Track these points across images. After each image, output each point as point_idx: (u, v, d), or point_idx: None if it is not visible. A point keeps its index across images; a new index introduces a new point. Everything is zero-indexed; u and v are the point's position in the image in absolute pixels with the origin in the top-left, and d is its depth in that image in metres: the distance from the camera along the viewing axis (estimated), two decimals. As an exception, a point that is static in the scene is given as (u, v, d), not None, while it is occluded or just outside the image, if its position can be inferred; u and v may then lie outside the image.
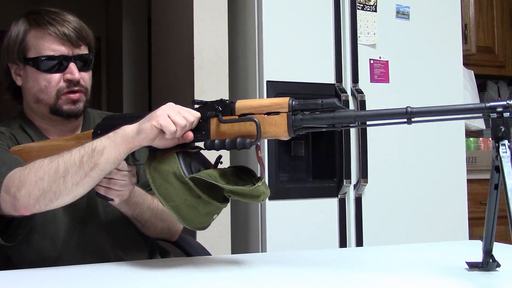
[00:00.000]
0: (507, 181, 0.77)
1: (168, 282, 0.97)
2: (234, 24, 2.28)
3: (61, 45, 1.20)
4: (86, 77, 1.25)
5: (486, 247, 0.96)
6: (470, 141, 2.86)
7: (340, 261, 1.17)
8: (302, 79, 2.13)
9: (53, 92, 1.22)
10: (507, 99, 0.78)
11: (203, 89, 2.12)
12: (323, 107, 0.91)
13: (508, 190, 0.77)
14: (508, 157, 0.78)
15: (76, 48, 1.22)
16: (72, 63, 1.21)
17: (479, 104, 0.80)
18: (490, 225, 0.93)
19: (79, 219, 1.23)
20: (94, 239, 1.24)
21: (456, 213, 2.35)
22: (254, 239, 2.12)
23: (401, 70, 2.28)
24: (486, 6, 3.21)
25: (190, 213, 0.98)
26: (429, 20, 2.34)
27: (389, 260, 1.17)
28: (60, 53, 1.20)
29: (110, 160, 1.00)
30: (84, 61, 1.24)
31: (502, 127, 0.78)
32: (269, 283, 0.96)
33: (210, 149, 0.99)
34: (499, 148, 0.79)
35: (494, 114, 0.79)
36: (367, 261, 1.19)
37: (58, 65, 1.21)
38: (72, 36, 1.21)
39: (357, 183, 2.18)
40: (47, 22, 1.20)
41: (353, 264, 1.14)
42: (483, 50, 3.17)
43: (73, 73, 1.21)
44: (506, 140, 0.78)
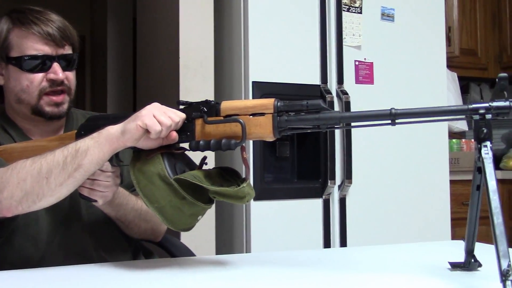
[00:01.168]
0: (489, 182, 0.78)
1: (152, 283, 0.96)
2: (220, 24, 2.27)
3: (44, 44, 1.19)
4: (70, 76, 1.24)
5: (468, 247, 0.97)
6: (453, 143, 2.89)
7: (324, 261, 1.17)
8: (287, 80, 2.13)
9: (35, 92, 1.20)
10: (489, 101, 0.79)
11: (188, 89, 2.11)
12: (308, 108, 0.91)
13: (490, 191, 0.78)
14: (490, 158, 0.79)
15: (60, 48, 1.21)
16: (55, 63, 1.20)
17: (462, 106, 0.81)
18: (472, 225, 0.94)
19: (61, 220, 1.22)
20: (77, 241, 1.23)
21: (439, 213, 2.37)
22: (238, 240, 2.12)
23: (385, 71, 2.30)
24: (469, 9, 3.25)
25: (174, 214, 0.97)
26: (414, 22, 2.36)
27: (373, 260, 1.17)
28: (44, 52, 1.19)
29: (94, 161, 0.99)
30: (68, 60, 1.23)
31: (484, 128, 0.79)
32: (254, 283, 0.96)
33: (195, 150, 0.99)
34: (481, 149, 0.80)
35: (477, 116, 0.80)
36: (350, 262, 1.20)
37: (41, 65, 1.19)
38: (56, 35, 1.19)
39: (342, 183, 2.19)
40: (30, 21, 1.19)
41: (337, 264, 1.15)
42: (466, 52, 3.21)
43: (56, 73, 1.19)
44: (488, 141, 0.79)
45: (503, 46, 3.28)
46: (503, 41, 3.28)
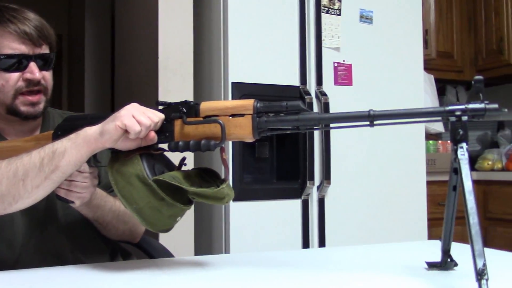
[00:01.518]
0: (465, 183, 0.79)
1: (130, 284, 0.96)
2: (200, 25, 2.27)
3: (21, 43, 1.16)
4: (47, 76, 1.22)
5: (444, 247, 0.98)
6: (429, 144, 2.93)
7: (302, 262, 1.18)
8: (267, 81, 2.14)
9: (11, 92, 1.17)
10: (465, 103, 0.80)
11: (167, 89, 2.10)
12: (287, 109, 0.91)
13: (466, 192, 0.79)
14: (466, 159, 0.80)
15: (37, 47, 1.18)
16: (32, 62, 1.18)
17: (439, 108, 0.82)
18: (448, 225, 0.95)
19: (37, 222, 1.20)
20: (53, 242, 1.21)
21: (416, 213, 2.40)
22: (217, 240, 2.12)
23: (364, 73, 2.32)
24: (446, 13, 3.30)
25: (153, 216, 0.97)
26: (392, 24, 2.39)
27: (351, 260, 1.18)
28: (20, 52, 1.17)
29: (71, 162, 0.98)
30: (45, 60, 1.21)
31: (461, 130, 0.80)
32: (233, 284, 0.96)
33: (174, 150, 0.98)
34: (457, 150, 0.81)
35: (453, 118, 0.81)
36: (329, 262, 1.21)
37: (17, 64, 1.17)
38: (33, 34, 1.17)
39: (320, 184, 2.20)
40: (7, 19, 1.16)
41: (316, 264, 1.15)
42: (442, 55, 3.25)
43: (33, 72, 1.17)
44: (464, 143, 0.81)
45: (478, 49, 3.34)
46: (478, 44, 3.34)
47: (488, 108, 0.80)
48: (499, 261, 1.14)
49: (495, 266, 1.00)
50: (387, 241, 2.22)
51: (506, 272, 1.03)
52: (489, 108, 0.80)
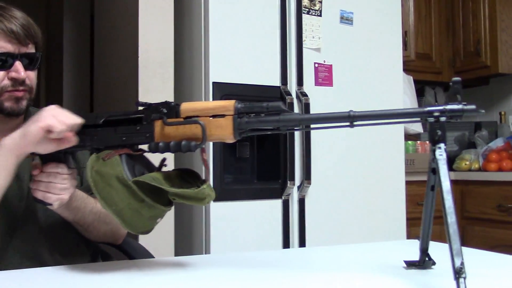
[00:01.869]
0: (443, 183, 0.80)
1: (110, 285, 0.95)
2: (180, 24, 2.26)
3: (7, 42, 1.14)
4: (32, 76, 1.20)
5: (422, 246, 1.00)
6: (408, 144, 2.96)
7: (283, 261, 1.18)
8: (248, 81, 2.14)
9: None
10: (443, 104, 0.82)
11: (147, 89, 2.09)
12: (268, 110, 0.92)
13: (444, 191, 0.80)
14: (444, 159, 0.81)
15: (23, 46, 1.17)
16: (18, 61, 1.16)
17: (418, 108, 0.84)
18: (426, 225, 0.96)
19: (16, 223, 1.19)
20: (32, 244, 1.20)
21: (395, 213, 2.43)
22: (198, 241, 2.11)
23: (344, 74, 2.34)
24: (425, 15, 3.34)
25: (133, 217, 0.96)
26: (372, 26, 2.41)
27: (330, 260, 1.19)
28: (6, 50, 1.15)
29: (2, 175, 1.03)
30: (30, 59, 1.19)
31: (439, 131, 0.81)
32: (213, 285, 0.95)
33: (154, 151, 0.97)
34: (435, 151, 0.82)
35: (432, 119, 0.82)
36: (308, 262, 1.21)
37: (2, 63, 1.15)
38: (19, 33, 1.15)
39: (301, 184, 2.21)
40: None
41: (296, 264, 1.15)
42: (421, 56, 3.29)
43: (18, 71, 1.15)
44: (442, 143, 0.82)
45: (456, 51, 3.39)
46: (456, 46, 3.39)
47: (466, 109, 0.81)
48: (476, 259, 1.16)
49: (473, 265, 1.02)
50: (367, 240, 2.24)
51: (483, 270, 1.05)
52: (467, 109, 0.81)
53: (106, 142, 1.02)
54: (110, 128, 1.02)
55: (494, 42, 3.17)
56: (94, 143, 1.03)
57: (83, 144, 1.04)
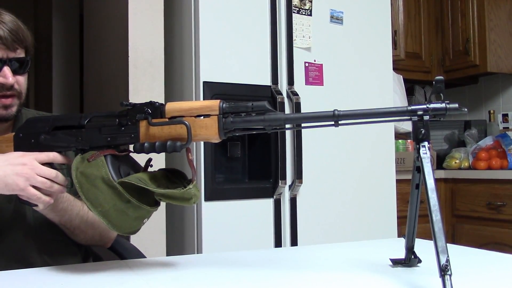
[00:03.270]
0: (427, 181, 0.81)
1: (102, 286, 0.95)
2: (171, 23, 2.26)
3: None
4: (21, 80, 1.19)
5: (408, 244, 1.00)
6: (399, 143, 2.97)
7: (274, 261, 1.18)
8: (238, 81, 2.14)
9: None
10: (426, 103, 0.82)
11: (137, 89, 2.09)
12: (253, 110, 0.92)
13: (429, 189, 0.80)
14: (428, 157, 0.82)
15: (11, 51, 1.15)
16: (6, 66, 1.14)
17: (401, 107, 0.84)
18: (411, 223, 0.97)
19: (4, 225, 1.18)
20: (19, 247, 1.19)
21: (386, 211, 2.44)
22: (189, 241, 2.11)
23: (334, 73, 2.34)
24: (414, 14, 3.35)
25: (119, 218, 0.96)
26: (361, 25, 2.42)
27: (320, 259, 1.20)
28: None
29: None
30: (20, 63, 1.18)
31: (422, 129, 0.82)
32: (205, 284, 0.96)
33: (139, 152, 0.97)
34: (419, 149, 0.83)
35: (415, 117, 0.83)
36: (300, 261, 1.22)
37: None
38: (7, 39, 1.13)
39: (292, 183, 2.22)
40: None
41: (287, 263, 1.16)
42: (411, 56, 3.31)
43: (6, 76, 1.14)
44: (426, 141, 0.82)
45: (445, 50, 3.41)
46: (445, 45, 3.41)
47: (449, 107, 0.82)
48: (465, 257, 1.17)
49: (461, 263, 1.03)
50: (359, 238, 2.25)
51: (471, 268, 1.06)
52: (449, 107, 0.82)
53: (91, 143, 1.01)
54: (95, 129, 1.02)
55: (483, 41, 3.19)
56: (79, 144, 1.02)
57: (68, 145, 1.04)
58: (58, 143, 1.05)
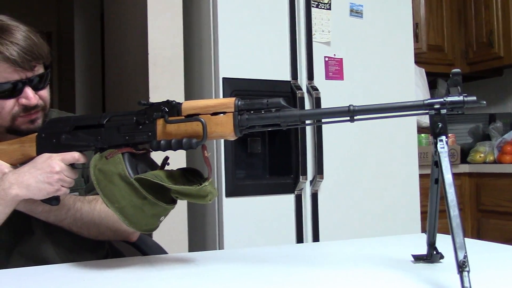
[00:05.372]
0: (445, 176, 0.79)
1: (123, 281, 0.96)
2: (189, 20, 2.27)
3: (13, 72, 1.11)
4: (44, 94, 1.18)
5: (429, 239, 0.99)
6: (421, 137, 2.93)
7: (296, 256, 1.18)
8: (258, 76, 2.14)
9: (8, 117, 1.14)
10: (444, 96, 0.81)
11: (157, 86, 2.10)
12: (268, 106, 0.92)
13: (446, 184, 0.79)
14: (446, 152, 0.81)
15: (29, 71, 1.13)
16: (27, 87, 1.13)
17: (418, 101, 0.83)
18: (432, 218, 0.96)
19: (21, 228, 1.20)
20: (37, 245, 1.21)
21: (409, 207, 2.41)
22: (211, 237, 2.12)
23: (355, 67, 2.32)
24: (436, 6, 3.30)
25: (135, 215, 0.97)
26: (382, 19, 2.39)
27: (342, 254, 1.19)
28: (13, 79, 1.11)
29: (4, 218, 1.09)
30: (40, 79, 1.16)
31: (440, 123, 0.81)
32: (226, 280, 0.96)
33: (156, 149, 0.98)
34: (437, 143, 0.81)
35: (432, 111, 0.81)
36: (321, 256, 1.21)
37: (11, 91, 1.12)
38: (24, 60, 1.10)
39: (313, 179, 2.21)
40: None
41: (309, 259, 1.16)
42: (433, 48, 3.26)
43: (28, 97, 1.13)
44: (443, 136, 0.81)
45: (468, 42, 3.34)
46: (468, 37, 3.34)
47: (467, 100, 0.80)
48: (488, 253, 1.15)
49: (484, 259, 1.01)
50: (381, 234, 2.23)
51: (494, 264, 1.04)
52: (467, 100, 0.80)
53: (110, 141, 1.03)
54: (114, 128, 1.03)
55: (507, 33, 3.12)
56: (99, 143, 1.04)
57: (88, 144, 1.06)
58: (78, 142, 1.07)
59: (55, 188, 1.06)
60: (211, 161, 0.99)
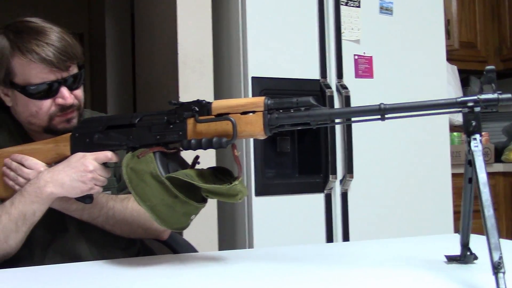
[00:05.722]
0: (479, 175, 0.78)
1: (154, 279, 0.97)
2: (218, 20, 2.28)
3: (49, 73, 1.14)
4: (79, 94, 1.21)
5: (463, 240, 0.97)
6: (454, 136, 2.88)
7: (326, 256, 1.18)
8: (287, 75, 2.13)
9: (45, 117, 1.18)
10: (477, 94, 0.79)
11: (187, 85, 2.12)
12: (298, 105, 0.92)
13: (480, 184, 0.78)
14: (480, 151, 0.79)
15: (64, 71, 1.16)
16: (62, 87, 1.16)
17: (451, 99, 0.81)
18: (466, 218, 0.94)
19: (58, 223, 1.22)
20: (72, 243, 1.23)
21: (441, 207, 2.37)
22: (241, 236, 2.13)
23: (385, 65, 2.30)
24: (468, 2, 3.23)
25: (167, 213, 0.98)
26: (412, 15, 2.36)
27: (373, 254, 1.18)
28: (49, 80, 1.15)
29: (40, 215, 1.12)
30: (74, 78, 1.19)
31: (473, 121, 0.79)
32: (255, 279, 0.96)
33: (187, 149, 0.99)
34: (470, 142, 0.80)
35: (466, 109, 0.80)
36: (352, 256, 1.20)
37: (47, 91, 1.15)
38: (59, 61, 1.13)
39: (343, 178, 2.19)
40: (31, 50, 1.12)
41: (338, 259, 1.15)
42: (465, 45, 3.20)
43: (64, 97, 1.16)
44: (477, 134, 0.79)
45: (502, 38, 3.27)
46: (502, 33, 3.26)
47: (501, 98, 0.78)
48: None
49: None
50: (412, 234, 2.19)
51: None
52: (502, 98, 0.78)
53: (141, 141, 1.05)
54: (145, 127, 1.05)
55: (543, 28, 3.04)
56: (130, 142, 1.06)
57: (120, 144, 1.08)
58: (110, 141, 1.09)
59: (88, 186, 1.09)
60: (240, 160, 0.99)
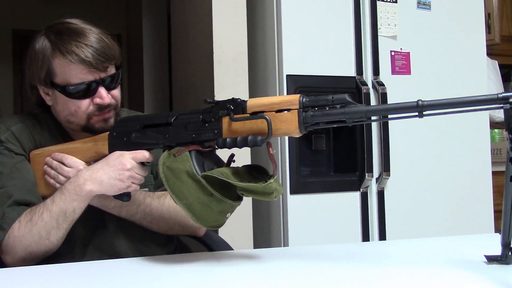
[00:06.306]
0: (521, 174, 0.76)
1: (190, 276, 0.98)
2: (253, 19, 2.28)
3: (87, 73, 1.17)
4: (116, 94, 1.24)
5: (504, 240, 0.95)
6: (494, 133, 2.81)
7: (362, 255, 1.17)
8: (322, 73, 2.12)
9: (84, 117, 1.21)
10: (520, 90, 0.77)
11: (222, 84, 2.13)
12: (333, 103, 0.91)
13: (523, 183, 0.75)
14: (523, 148, 0.77)
15: (102, 72, 1.19)
16: (100, 87, 1.19)
17: (491, 95, 0.79)
18: (507, 217, 0.91)
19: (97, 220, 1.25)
20: (111, 240, 1.26)
21: (481, 205, 2.31)
22: (276, 234, 2.13)
23: (423, 61, 2.26)
24: (509, -5, 3.14)
25: (203, 211, 0.99)
26: (451, 10, 2.31)
27: (410, 253, 1.16)
28: (88, 80, 1.17)
29: (79, 212, 1.15)
30: (112, 79, 1.22)
31: (516, 118, 0.77)
32: (291, 277, 0.96)
33: (222, 147, 1.00)
34: (512, 139, 0.77)
35: (507, 105, 0.77)
36: (388, 255, 1.19)
37: (86, 91, 1.19)
38: (98, 61, 1.16)
39: (379, 176, 2.17)
40: (71, 51, 1.15)
41: (375, 258, 1.14)
42: (507, 39, 3.10)
43: (102, 97, 1.19)
44: (520, 131, 0.77)
45: (545, 32, 3.16)
46: (545, 27, 3.16)
47: (545, 94, 0.76)
48: None
49: None
50: (450, 234, 2.16)
51: None
52: (545, 94, 0.76)
53: (177, 139, 1.06)
54: (181, 126, 1.06)
55: None
56: (167, 141, 1.08)
57: (156, 142, 1.10)
58: (147, 140, 1.11)
59: (126, 184, 1.11)
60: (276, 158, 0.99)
